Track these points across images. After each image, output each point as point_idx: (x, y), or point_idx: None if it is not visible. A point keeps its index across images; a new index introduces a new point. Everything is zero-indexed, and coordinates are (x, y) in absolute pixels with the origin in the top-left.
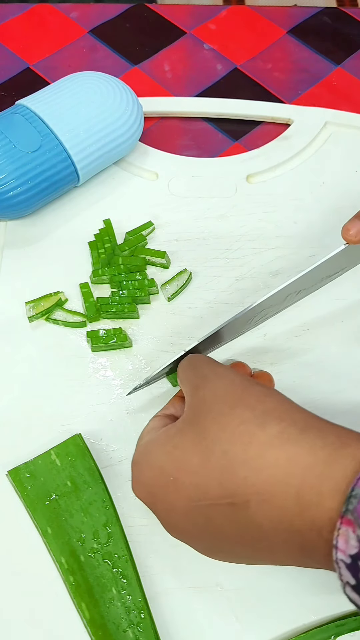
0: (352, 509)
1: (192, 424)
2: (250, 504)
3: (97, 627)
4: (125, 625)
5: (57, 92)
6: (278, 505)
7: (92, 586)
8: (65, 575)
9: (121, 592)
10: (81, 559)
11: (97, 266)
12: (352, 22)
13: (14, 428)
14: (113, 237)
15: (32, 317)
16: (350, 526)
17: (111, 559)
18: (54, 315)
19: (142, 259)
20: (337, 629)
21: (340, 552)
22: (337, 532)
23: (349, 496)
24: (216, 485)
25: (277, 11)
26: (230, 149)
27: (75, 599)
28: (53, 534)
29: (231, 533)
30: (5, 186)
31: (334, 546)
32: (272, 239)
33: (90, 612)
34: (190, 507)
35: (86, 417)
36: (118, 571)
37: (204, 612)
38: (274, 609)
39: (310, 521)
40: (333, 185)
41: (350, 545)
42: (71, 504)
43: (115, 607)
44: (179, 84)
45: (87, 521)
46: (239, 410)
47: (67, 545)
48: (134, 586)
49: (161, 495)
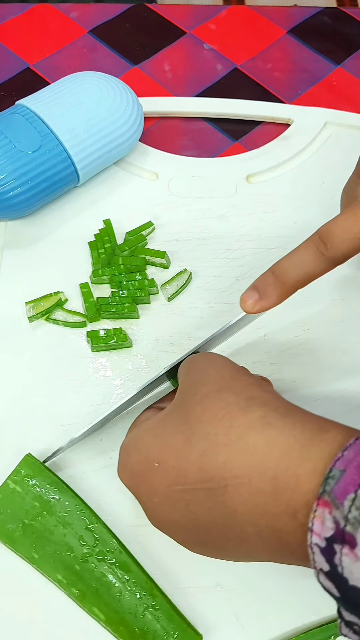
0: (329, 490)
1: (179, 406)
2: (227, 489)
3: (117, 624)
4: (142, 610)
5: (57, 92)
6: (254, 489)
7: (97, 588)
8: (67, 589)
9: (126, 583)
10: (76, 568)
11: (97, 266)
12: (352, 22)
13: (14, 428)
14: (113, 237)
15: (32, 317)
16: (327, 507)
17: (105, 556)
18: (54, 315)
19: (142, 259)
20: (337, 629)
21: (315, 535)
22: (312, 514)
23: (326, 477)
24: (196, 469)
25: (277, 11)
26: (230, 149)
27: (86, 607)
28: (40, 558)
29: (206, 520)
30: (5, 186)
31: (309, 529)
32: (272, 239)
33: (104, 613)
34: (170, 492)
35: (86, 417)
36: (115, 564)
37: (204, 612)
38: (274, 609)
39: (285, 504)
40: (333, 185)
41: (325, 527)
42: (47, 522)
43: (125, 598)
44: (179, 84)
45: (69, 531)
46: (224, 394)
47: (59, 562)
48: (135, 571)
49: (145, 480)
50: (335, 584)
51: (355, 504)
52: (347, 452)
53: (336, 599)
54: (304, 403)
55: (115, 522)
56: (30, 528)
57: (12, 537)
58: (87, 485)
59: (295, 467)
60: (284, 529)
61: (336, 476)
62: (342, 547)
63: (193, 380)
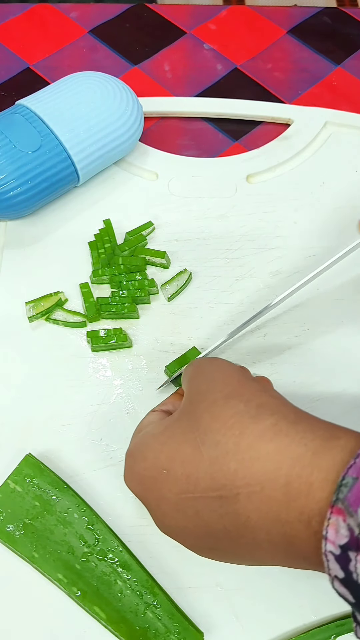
0: (342, 498)
1: (187, 413)
2: (239, 497)
3: (118, 623)
4: (143, 609)
5: (57, 92)
6: (267, 497)
7: (97, 587)
8: (67, 589)
9: (127, 582)
10: (77, 567)
11: (97, 266)
12: (352, 22)
13: (14, 428)
14: (113, 237)
15: (32, 317)
16: (341, 515)
17: (105, 555)
18: (54, 315)
19: (142, 259)
20: (337, 629)
21: (330, 543)
22: (327, 522)
23: (339, 485)
24: (207, 477)
25: (277, 11)
26: (230, 149)
27: (86, 606)
28: (40, 557)
29: (218, 527)
30: (5, 186)
31: (323, 537)
32: (272, 239)
33: (104, 612)
34: (180, 499)
35: (86, 417)
36: (116, 563)
37: (204, 612)
38: (274, 609)
39: (298, 512)
40: (333, 185)
41: (340, 535)
42: (47, 521)
43: (126, 597)
44: (179, 84)
45: (69, 531)
46: (233, 401)
47: (59, 561)
48: (137, 570)
49: (153, 486)
50: (350, 591)
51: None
52: (359, 459)
53: (352, 605)
54: (304, 403)
55: (115, 522)
56: (31, 527)
57: (12, 537)
58: (87, 486)
59: (308, 475)
60: (297, 535)
61: (349, 484)
62: (357, 555)
63: (200, 386)
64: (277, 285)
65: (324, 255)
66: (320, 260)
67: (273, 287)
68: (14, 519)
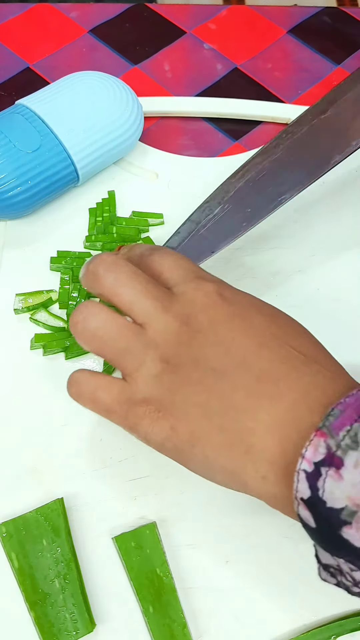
0: (328, 425)
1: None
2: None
3: (25, 576)
4: (53, 576)
5: (57, 92)
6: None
7: (24, 538)
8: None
9: (50, 545)
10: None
11: (92, 232)
12: (352, 22)
13: (14, 428)
14: (114, 208)
15: (17, 310)
16: (323, 437)
17: (45, 514)
18: (36, 315)
19: (136, 229)
20: (337, 629)
21: (306, 461)
22: (308, 442)
23: (327, 415)
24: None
25: (277, 11)
26: (230, 149)
27: (5, 548)
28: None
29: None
30: (5, 186)
31: (301, 456)
32: (272, 239)
33: (18, 561)
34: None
35: (86, 417)
36: (48, 525)
37: (204, 612)
38: (274, 609)
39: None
40: (333, 185)
41: (318, 453)
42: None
43: (44, 558)
44: (179, 83)
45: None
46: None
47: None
48: (62, 539)
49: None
50: (312, 513)
51: (349, 433)
52: (349, 398)
53: (312, 533)
54: None
55: (116, 523)
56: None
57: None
58: (88, 485)
59: (314, 401)
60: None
61: (336, 414)
62: (329, 470)
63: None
64: (277, 285)
65: (324, 255)
66: (320, 260)
67: (273, 287)
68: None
